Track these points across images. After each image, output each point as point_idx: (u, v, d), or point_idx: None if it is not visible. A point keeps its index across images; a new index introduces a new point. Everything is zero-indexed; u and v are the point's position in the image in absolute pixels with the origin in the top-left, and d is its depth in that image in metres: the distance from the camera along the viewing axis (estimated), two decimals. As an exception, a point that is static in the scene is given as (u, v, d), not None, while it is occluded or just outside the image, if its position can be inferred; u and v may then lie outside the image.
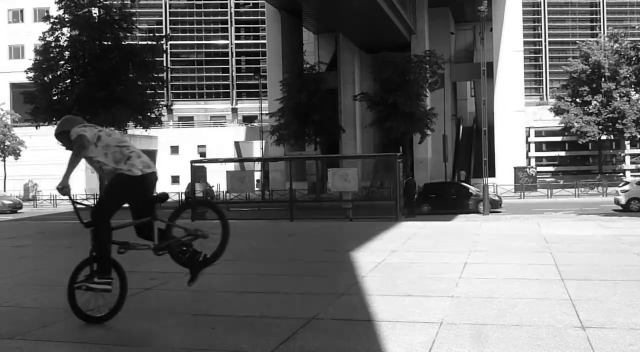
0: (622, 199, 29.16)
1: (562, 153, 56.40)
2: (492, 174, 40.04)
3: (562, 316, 4.81)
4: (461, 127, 57.37)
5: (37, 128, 23.14)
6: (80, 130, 5.04)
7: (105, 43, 22.00)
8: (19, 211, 39.34)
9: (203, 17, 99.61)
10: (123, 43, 22.28)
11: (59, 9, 21.93)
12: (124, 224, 5.25)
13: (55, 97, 21.91)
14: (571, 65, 49.71)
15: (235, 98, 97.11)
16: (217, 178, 35.81)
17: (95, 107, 21.23)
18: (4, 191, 50.33)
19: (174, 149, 60.69)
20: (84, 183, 49.60)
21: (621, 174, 53.55)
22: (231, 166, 48.68)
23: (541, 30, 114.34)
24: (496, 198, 31.76)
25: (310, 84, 44.99)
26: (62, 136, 5.22)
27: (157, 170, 5.43)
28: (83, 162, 5.25)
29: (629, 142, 54.01)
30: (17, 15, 65.81)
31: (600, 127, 47.15)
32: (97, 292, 4.88)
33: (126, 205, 5.25)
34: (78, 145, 4.94)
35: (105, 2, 22.30)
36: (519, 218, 24.62)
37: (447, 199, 30.84)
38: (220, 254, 5.32)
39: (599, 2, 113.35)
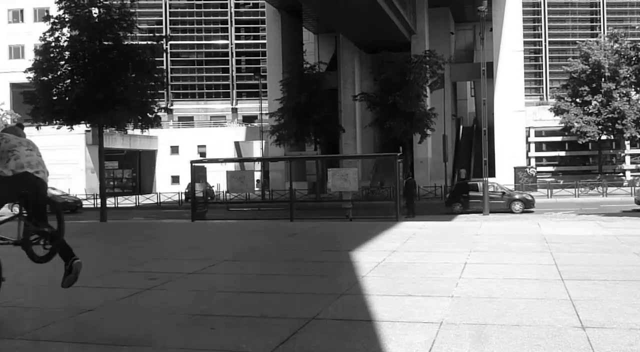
0: None
1: (562, 153, 56.37)
2: (492, 174, 40.03)
3: (562, 316, 4.81)
4: (461, 127, 57.37)
5: (38, 129, 23.08)
6: None
7: (106, 43, 21.96)
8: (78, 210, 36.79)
9: (203, 17, 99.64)
10: (123, 43, 22.24)
11: (59, 8, 21.90)
12: None
13: (55, 98, 21.87)
14: (571, 65, 49.70)
15: (235, 98, 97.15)
16: (217, 178, 35.84)
17: (95, 108, 21.20)
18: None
19: (174, 149, 60.71)
20: (84, 183, 49.65)
21: (621, 174, 53.54)
22: (231, 166, 48.69)
23: (541, 30, 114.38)
24: (529, 198, 31.03)
25: (310, 84, 45.00)
26: None
27: (40, 173, 6.20)
28: (83, 163, 5.31)
29: (629, 142, 53.97)
30: (17, 15, 65.82)
31: (600, 127, 47.14)
32: None
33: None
34: None
35: (105, 2, 22.26)
36: (519, 218, 24.63)
37: (481, 198, 30.60)
38: (58, 237, 6.09)
39: (599, 2, 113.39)
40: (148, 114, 22.57)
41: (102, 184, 24.15)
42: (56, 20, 21.70)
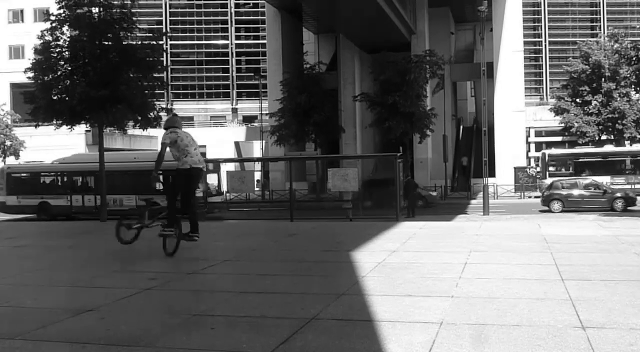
0: None
1: (562, 153, 56.33)
2: (492, 174, 40.05)
3: (562, 316, 4.81)
4: (461, 127, 57.38)
5: (36, 127, 23.08)
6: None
7: (106, 43, 21.95)
8: None
9: (203, 17, 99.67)
10: (123, 43, 22.23)
11: (59, 8, 21.88)
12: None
13: (55, 97, 21.87)
14: (571, 65, 49.70)
15: (235, 98, 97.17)
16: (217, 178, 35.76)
17: (96, 107, 21.19)
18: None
19: (174, 149, 60.65)
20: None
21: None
22: (231, 166, 48.68)
23: (541, 30, 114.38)
24: (631, 195, 30.62)
25: (310, 84, 44.99)
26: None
27: (203, 168, 8.63)
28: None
29: (629, 142, 53.99)
30: (17, 15, 65.78)
31: (600, 127, 47.15)
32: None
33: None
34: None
35: (105, 2, 22.26)
36: (519, 218, 24.64)
37: (581, 197, 30.42)
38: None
39: (599, 2, 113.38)
40: (149, 114, 22.56)
41: (102, 184, 24.14)
42: (55, 19, 21.69)
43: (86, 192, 31.61)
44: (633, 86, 45.70)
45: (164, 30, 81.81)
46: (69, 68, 22.12)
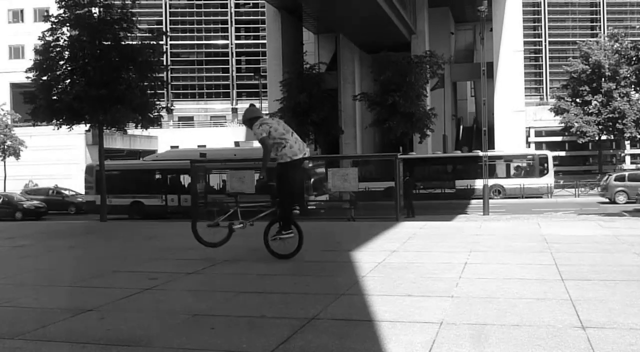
0: None
1: (562, 153, 56.42)
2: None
3: (562, 316, 4.81)
4: (461, 127, 57.41)
5: (34, 126, 23.08)
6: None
7: (105, 43, 21.97)
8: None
9: (203, 17, 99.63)
10: (123, 43, 22.25)
11: (59, 8, 21.90)
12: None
13: (55, 97, 21.89)
14: (571, 65, 49.72)
15: (235, 98, 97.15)
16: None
17: (95, 106, 21.20)
18: (4, 190, 50.32)
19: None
20: (84, 183, 49.53)
21: (621, 174, 53.52)
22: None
23: (541, 30, 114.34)
24: None
25: (310, 84, 45.01)
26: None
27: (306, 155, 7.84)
28: (84, 163, 5.36)
29: (629, 142, 54.05)
30: (17, 15, 65.80)
31: (600, 127, 47.17)
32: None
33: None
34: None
35: (105, 2, 22.27)
36: (519, 218, 24.62)
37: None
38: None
39: (599, 2, 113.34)
40: (149, 114, 22.57)
41: (102, 184, 24.15)
42: (56, 20, 21.69)
43: (182, 191, 29.75)
44: (633, 86, 45.69)
45: (164, 30, 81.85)
46: (69, 68, 22.13)
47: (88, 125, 24.37)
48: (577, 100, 48.33)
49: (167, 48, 50.24)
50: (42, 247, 10.94)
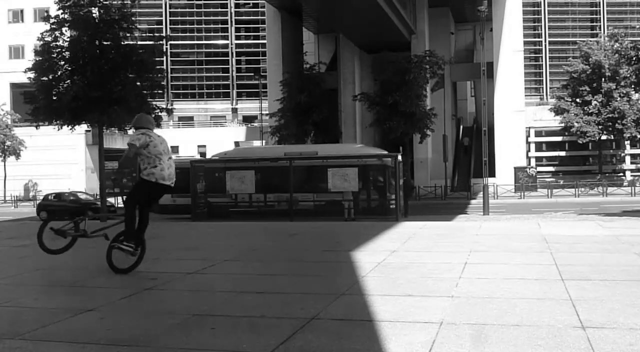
0: None
1: (562, 153, 56.38)
2: (492, 174, 40.07)
3: (562, 316, 4.81)
4: (461, 127, 57.39)
5: (37, 128, 23.08)
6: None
7: (105, 43, 21.98)
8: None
9: (203, 17, 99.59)
10: (123, 43, 22.25)
11: (59, 8, 21.90)
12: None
13: (55, 98, 21.90)
14: (571, 65, 49.71)
15: (235, 98, 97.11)
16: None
17: (93, 107, 21.20)
18: (4, 190, 50.37)
19: (174, 149, 60.69)
20: (84, 183, 49.66)
21: (621, 174, 53.56)
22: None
23: (541, 30, 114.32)
24: None
25: (310, 84, 44.99)
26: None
27: (172, 184, 7.20)
28: (83, 163, 5.35)
29: (629, 142, 54.00)
30: (17, 15, 65.79)
31: (600, 127, 47.15)
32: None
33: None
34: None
35: (105, 2, 22.27)
36: (519, 218, 24.61)
37: None
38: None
39: (599, 2, 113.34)
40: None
41: (102, 184, 24.15)
42: (55, 20, 21.70)
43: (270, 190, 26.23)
44: (633, 86, 45.66)
45: (164, 31, 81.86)
46: (69, 68, 22.14)
47: (88, 125, 24.38)
48: (577, 100, 48.32)
49: (167, 48, 50.14)
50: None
